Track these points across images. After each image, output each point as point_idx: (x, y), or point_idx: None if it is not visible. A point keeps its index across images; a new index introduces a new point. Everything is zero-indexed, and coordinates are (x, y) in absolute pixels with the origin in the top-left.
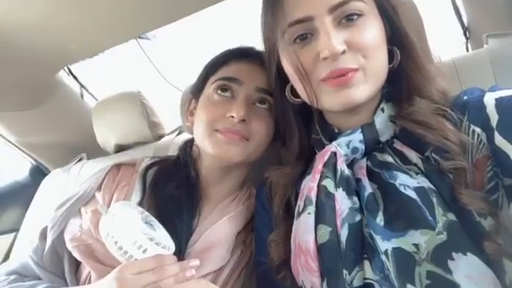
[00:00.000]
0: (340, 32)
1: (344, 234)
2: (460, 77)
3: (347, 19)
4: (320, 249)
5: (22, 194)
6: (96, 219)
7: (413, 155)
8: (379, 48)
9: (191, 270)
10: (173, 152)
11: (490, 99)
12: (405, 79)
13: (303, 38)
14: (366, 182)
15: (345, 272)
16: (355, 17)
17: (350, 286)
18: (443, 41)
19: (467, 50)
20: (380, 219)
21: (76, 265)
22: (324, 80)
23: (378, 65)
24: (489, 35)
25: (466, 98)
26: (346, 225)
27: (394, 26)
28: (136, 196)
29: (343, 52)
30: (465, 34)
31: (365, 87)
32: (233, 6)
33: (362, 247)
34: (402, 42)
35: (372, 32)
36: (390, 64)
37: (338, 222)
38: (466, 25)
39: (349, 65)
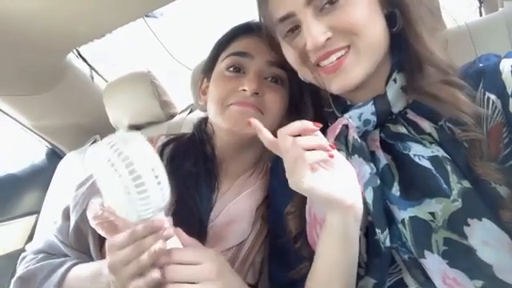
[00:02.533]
0: (323, 20)
1: (369, 196)
2: (475, 42)
3: (330, 3)
4: None
5: (39, 177)
6: None
7: (426, 125)
8: (370, 21)
9: (161, 242)
10: (186, 130)
11: (506, 65)
12: (410, 46)
13: (293, 30)
14: (380, 153)
15: (378, 231)
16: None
17: (384, 244)
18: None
19: (481, 15)
20: (396, 189)
21: (100, 241)
22: (318, 66)
23: (371, 38)
24: None
25: (481, 65)
26: (370, 188)
27: None
28: None
29: (328, 39)
30: None
31: (359, 67)
32: None
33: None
34: (398, 5)
35: (358, 9)
36: (393, 28)
37: (361, 187)
38: None
39: (336, 46)
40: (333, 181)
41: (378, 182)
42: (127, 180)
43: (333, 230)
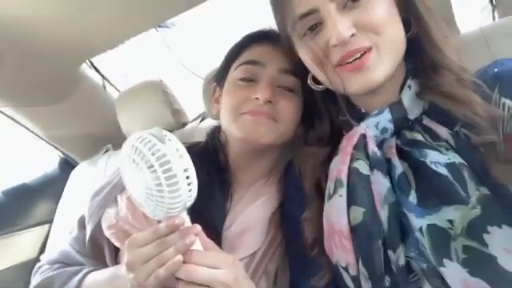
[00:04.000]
0: (346, 16)
1: (384, 214)
2: (490, 46)
3: (352, 1)
4: (353, 230)
5: (52, 187)
6: (132, 205)
7: (443, 131)
8: (390, 21)
9: (191, 236)
10: (198, 138)
11: None
12: (424, 50)
13: (313, 28)
14: (396, 161)
15: (389, 252)
16: None
17: (396, 265)
18: (469, 10)
19: (493, 19)
20: (413, 197)
21: (116, 251)
22: (339, 66)
23: (392, 38)
24: None
25: (496, 70)
26: (386, 206)
27: None
28: None
29: (353, 35)
30: (491, 2)
31: (382, 66)
32: None
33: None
34: (412, 11)
35: (379, 8)
36: (407, 33)
37: (377, 204)
38: None
39: (360, 45)
40: None
41: (393, 198)
42: (162, 177)
43: None
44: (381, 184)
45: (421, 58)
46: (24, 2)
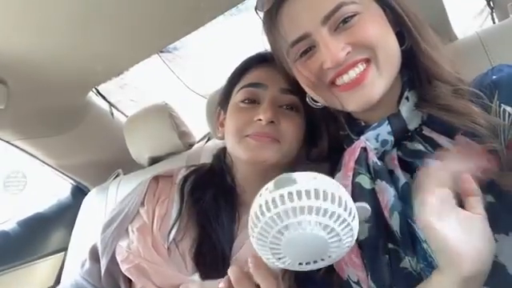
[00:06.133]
0: (339, 37)
1: (396, 223)
2: (488, 51)
3: (344, 23)
4: (361, 245)
5: (66, 214)
6: (142, 238)
7: (443, 140)
8: (384, 37)
9: None
10: (205, 159)
11: None
12: (419, 62)
13: (306, 51)
14: (399, 172)
15: (408, 258)
16: (350, 18)
17: (416, 270)
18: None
19: (493, 21)
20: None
21: (130, 283)
22: (334, 84)
23: (388, 51)
24: None
25: (494, 77)
26: (396, 213)
27: (392, 9)
28: (176, 207)
29: (348, 53)
30: (488, 4)
31: (380, 81)
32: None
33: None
34: (404, 24)
35: (371, 25)
36: (401, 46)
37: (386, 213)
38: None
39: (355, 58)
40: (469, 235)
41: (401, 207)
42: (340, 230)
43: None
44: (387, 192)
45: (416, 69)
46: (26, 34)
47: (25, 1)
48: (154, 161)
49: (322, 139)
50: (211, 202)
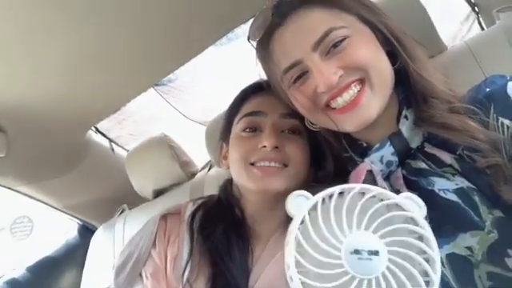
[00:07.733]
0: (331, 62)
1: None
2: (478, 59)
3: (334, 47)
4: None
5: (74, 255)
6: (156, 283)
7: (446, 156)
8: (375, 58)
9: None
10: (209, 187)
11: None
12: (413, 81)
13: (300, 77)
14: (405, 191)
15: None
16: (340, 42)
17: None
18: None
19: (481, 26)
20: None
21: None
22: (329, 107)
23: (380, 71)
24: (499, 10)
25: (487, 89)
26: None
27: (381, 32)
28: (186, 246)
29: (340, 77)
30: (474, 10)
31: (375, 101)
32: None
33: None
34: (393, 45)
35: (362, 47)
36: (394, 65)
37: None
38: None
39: (348, 80)
40: None
41: None
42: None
43: None
44: None
45: (410, 88)
46: (22, 81)
47: (17, 48)
48: (158, 193)
49: (327, 161)
50: (222, 237)
